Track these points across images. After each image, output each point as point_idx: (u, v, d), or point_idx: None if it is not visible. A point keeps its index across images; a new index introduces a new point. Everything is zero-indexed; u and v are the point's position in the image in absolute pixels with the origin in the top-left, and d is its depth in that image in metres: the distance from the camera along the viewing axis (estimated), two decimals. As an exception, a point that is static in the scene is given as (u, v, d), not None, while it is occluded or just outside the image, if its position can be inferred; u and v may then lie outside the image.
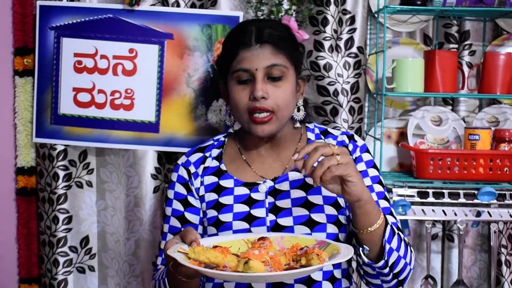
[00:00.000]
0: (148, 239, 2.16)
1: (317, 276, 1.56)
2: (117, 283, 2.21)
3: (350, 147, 1.65)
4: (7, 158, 2.20)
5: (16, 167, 2.18)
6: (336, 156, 1.35)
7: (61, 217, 2.15)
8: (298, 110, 1.66)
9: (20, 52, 2.14)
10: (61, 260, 2.16)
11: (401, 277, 1.53)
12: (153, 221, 2.16)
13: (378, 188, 1.62)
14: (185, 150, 2.09)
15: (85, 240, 2.20)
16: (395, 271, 1.49)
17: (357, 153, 1.64)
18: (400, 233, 1.54)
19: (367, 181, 1.61)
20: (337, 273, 1.60)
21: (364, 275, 1.55)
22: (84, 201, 2.19)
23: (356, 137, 1.68)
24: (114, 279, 2.21)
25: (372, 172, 1.63)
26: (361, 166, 1.63)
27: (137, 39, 2.08)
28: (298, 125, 1.69)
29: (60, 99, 2.11)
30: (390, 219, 1.58)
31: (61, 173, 2.14)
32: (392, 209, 1.62)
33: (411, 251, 1.56)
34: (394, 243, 1.46)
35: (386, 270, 1.48)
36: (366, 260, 1.47)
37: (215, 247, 1.35)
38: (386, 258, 1.45)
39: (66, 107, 2.11)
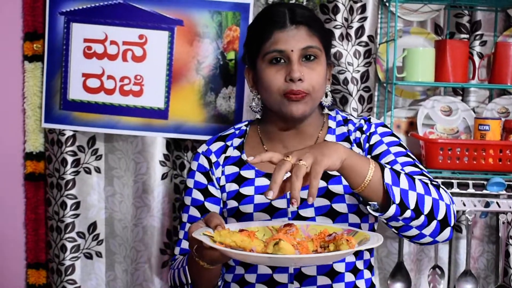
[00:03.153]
0: (156, 226, 2.16)
1: (340, 267, 1.54)
2: (124, 269, 2.21)
3: (365, 127, 1.62)
4: (16, 143, 2.19)
5: (25, 152, 2.18)
6: (299, 163, 1.24)
7: (69, 202, 2.15)
8: (326, 95, 1.63)
9: (30, 37, 2.14)
10: (69, 245, 2.16)
11: (439, 217, 1.39)
12: (161, 208, 2.15)
13: (395, 149, 1.56)
14: (194, 137, 2.11)
15: (93, 226, 2.20)
16: (426, 211, 1.37)
17: (372, 129, 1.61)
18: (414, 175, 1.44)
19: (382, 148, 1.57)
20: (360, 264, 1.58)
21: (399, 233, 1.43)
22: (92, 187, 2.19)
23: (372, 119, 1.65)
24: (122, 265, 2.21)
25: (388, 139, 1.59)
26: (376, 138, 1.59)
27: (147, 25, 2.07)
28: (326, 111, 1.66)
29: (69, 84, 2.11)
30: (411, 169, 1.51)
31: (70, 159, 2.14)
32: (417, 163, 1.55)
33: (439, 187, 1.43)
34: (404, 183, 1.35)
35: (409, 214, 1.35)
36: (377, 214, 1.36)
37: (241, 231, 1.32)
38: (398, 202, 1.33)
39: (75, 92, 2.11)
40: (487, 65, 2.22)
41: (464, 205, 2.09)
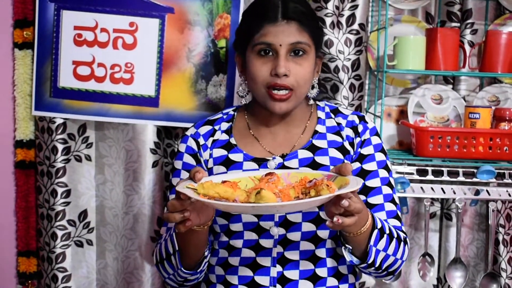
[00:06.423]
0: (147, 214, 2.16)
1: (322, 272, 1.57)
2: (115, 257, 2.21)
3: (360, 128, 1.63)
4: (6, 131, 2.19)
5: (15, 140, 2.18)
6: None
7: (60, 190, 2.15)
8: (312, 88, 1.64)
9: (20, 24, 2.12)
10: (59, 233, 2.16)
11: (391, 270, 1.55)
12: (151, 196, 2.15)
13: (383, 173, 1.61)
14: (185, 125, 2.10)
15: (84, 214, 2.20)
16: (384, 267, 1.52)
17: (366, 135, 1.63)
18: (392, 228, 1.53)
19: (373, 166, 1.60)
20: (343, 269, 1.61)
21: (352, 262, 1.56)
22: (83, 175, 2.19)
23: (367, 118, 1.66)
24: (112, 253, 2.21)
25: (379, 156, 1.62)
26: (369, 150, 1.61)
27: (137, 13, 2.06)
28: (311, 102, 1.66)
29: (60, 72, 2.10)
30: (389, 206, 1.59)
31: (60, 147, 2.13)
32: (394, 195, 1.62)
33: (405, 243, 1.56)
34: (381, 245, 1.47)
35: (372, 269, 1.50)
36: (348, 259, 1.48)
37: (223, 182, 1.33)
38: (370, 262, 1.46)
39: (66, 80, 2.10)
40: (477, 53, 2.22)
41: (454, 193, 2.09)
